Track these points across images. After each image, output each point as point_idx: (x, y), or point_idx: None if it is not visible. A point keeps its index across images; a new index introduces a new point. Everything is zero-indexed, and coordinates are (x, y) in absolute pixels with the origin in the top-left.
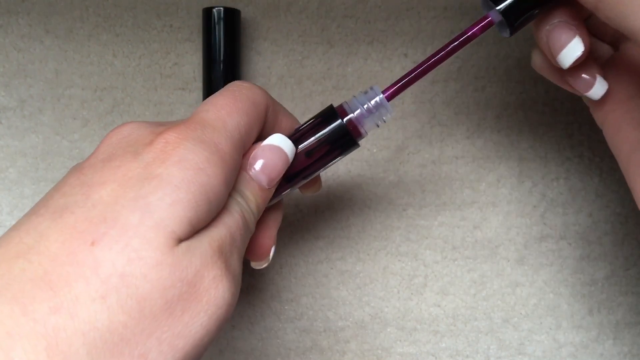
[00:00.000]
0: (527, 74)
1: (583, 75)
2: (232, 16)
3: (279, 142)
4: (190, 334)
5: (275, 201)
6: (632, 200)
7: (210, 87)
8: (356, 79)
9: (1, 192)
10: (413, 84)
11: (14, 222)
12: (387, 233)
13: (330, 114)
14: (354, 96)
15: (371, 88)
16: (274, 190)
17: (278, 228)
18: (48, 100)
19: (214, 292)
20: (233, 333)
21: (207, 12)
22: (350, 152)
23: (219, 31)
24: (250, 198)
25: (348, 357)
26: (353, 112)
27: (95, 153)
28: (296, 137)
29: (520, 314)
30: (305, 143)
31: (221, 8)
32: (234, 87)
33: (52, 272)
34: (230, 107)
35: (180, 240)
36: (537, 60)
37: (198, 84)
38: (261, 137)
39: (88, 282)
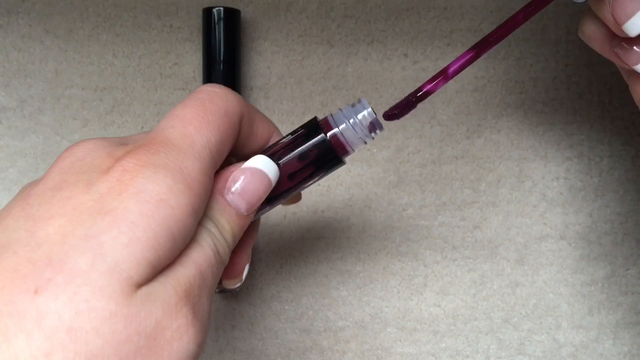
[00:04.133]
0: (527, 74)
1: (635, 47)
2: (232, 16)
3: (262, 165)
4: None
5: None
6: (631, 200)
7: None
8: (356, 79)
9: (1, 192)
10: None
11: None
12: (387, 233)
13: (313, 127)
14: (340, 109)
15: (359, 101)
16: (252, 218)
17: (252, 246)
18: (48, 100)
19: (177, 344)
20: (233, 333)
21: (207, 12)
22: (335, 169)
23: (219, 31)
24: (226, 227)
25: (348, 357)
26: (338, 127)
27: (44, 178)
28: (276, 152)
29: (520, 314)
30: (285, 159)
31: (221, 8)
32: (203, 94)
33: None
34: (199, 121)
35: (139, 286)
36: (589, 29)
37: (198, 84)
38: (235, 149)
39: (30, 337)
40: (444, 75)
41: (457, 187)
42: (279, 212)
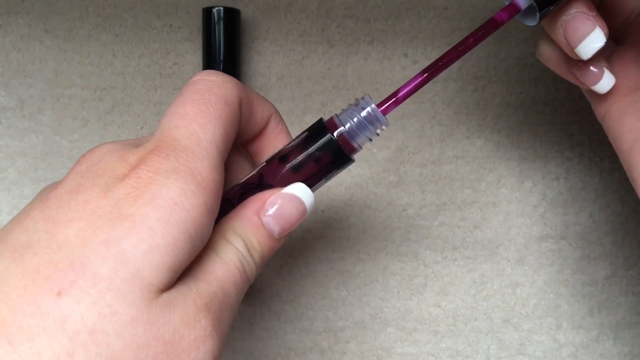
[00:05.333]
0: (527, 74)
1: (591, 67)
2: (232, 16)
3: (301, 193)
4: None
5: None
6: (632, 201)
7: None
8: (356, 79)
9: (1, 192)
10: (435, 76)
11: None
12: (387, 233)
13: (319, 128)
14: (343, 109)
15: (362, 98)
16: (282, 242)
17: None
18: (48, 100)
19: (195, 354)
20: (233, 333)
21: (207, 12)
22: (345, 168)
23: (219, 31)
24: (256, 247)
25: (348, 357)
26: (344, 125)
27: (63, 182)
28: (285, 155)
29: (521, 314)
30: (295, 162)
31: (221, 8)
32: (200, 85)
33: (10, 324)
34: (201, 116)
35: (160, 292)
36: (544, 51)
37: None
38: (238, 135)
39: (53, 337)
40: (394, 99)
41: (457, 187)
42: None
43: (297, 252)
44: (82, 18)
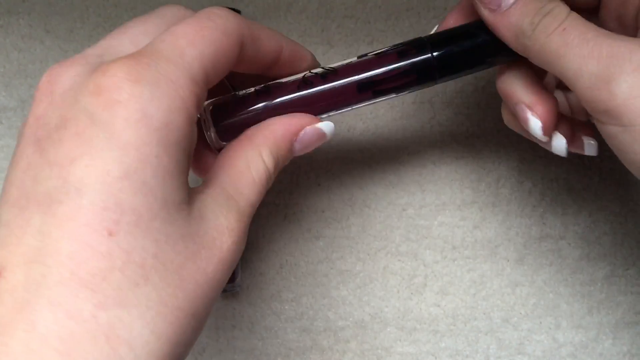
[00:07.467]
0: None
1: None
2: None
3: (328, 129)
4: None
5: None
6: (631, 201)
7: None
8: None
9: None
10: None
11: None
12: (387, 233)
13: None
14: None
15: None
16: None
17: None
18: None
19: (226, 244)
20: (233, 333)
21: None
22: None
23: None
24: (280, 164)
25: (348, 356)
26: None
27: (42, 116)
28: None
29: (520, 313)
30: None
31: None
32: (202, 14)
33: (80, 272)
34: (192, 35)
35: (187, 203)
36: (508, 118)
37: None
38: (245, 67)
39: (125, 270)
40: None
41: (457, 187)
42: (279, 212)
43: (297, 252)
44: (82, 18)
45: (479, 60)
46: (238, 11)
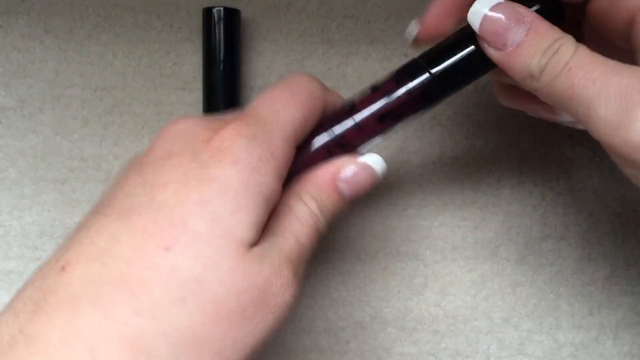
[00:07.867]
0: None
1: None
2: (232, 16)
3: (374, 163)
4: (259, 332)
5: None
6: (632, 201)
7: (210, 87)
8: (356, 79)
9: (1, 192)
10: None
11: (14, 222)
12: (387, 233)
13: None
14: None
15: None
16: (346, 205)
17: None
18: (48, 100)
19: (281, 298)
20: None
21: (207, 12)
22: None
23: (219, 31)
24: (328, 207)
25: (348, 357)
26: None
27: (152, 149)
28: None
29: (520, 314)
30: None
31: (221, 8)
32: (292, 79)
33: (129, 276)
34: (285, 99)
35: (250, 246)
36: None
37: (198, 84)
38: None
39: (166, 286)
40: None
41: (457, 187)
42: None
43: None
44: (82, 18)
45: (479, 69)
46: (238, 11)
